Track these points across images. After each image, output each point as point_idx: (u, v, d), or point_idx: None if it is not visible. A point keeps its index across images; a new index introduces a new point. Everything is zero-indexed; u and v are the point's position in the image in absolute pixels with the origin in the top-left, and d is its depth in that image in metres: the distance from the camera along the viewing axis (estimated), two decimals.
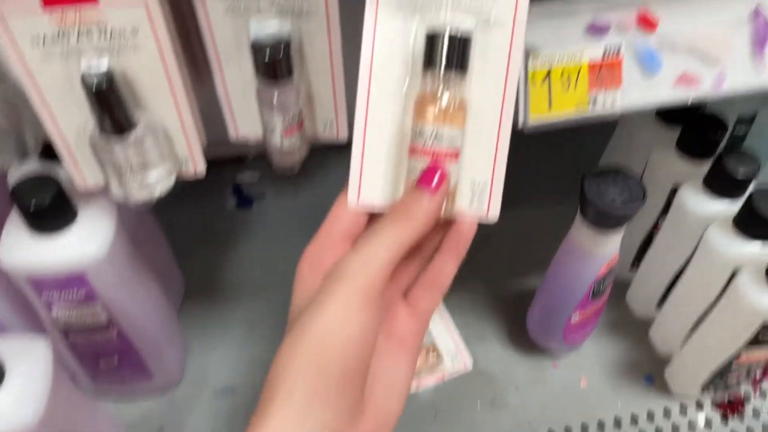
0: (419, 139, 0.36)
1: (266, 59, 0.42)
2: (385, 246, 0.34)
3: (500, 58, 0.37)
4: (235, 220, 0.81)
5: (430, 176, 0.36)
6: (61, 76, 0.40)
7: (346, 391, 0.33)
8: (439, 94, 0.36)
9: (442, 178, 0.36)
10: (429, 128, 0.36)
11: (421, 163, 0.36)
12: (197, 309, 0.70)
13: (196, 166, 0.46)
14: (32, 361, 0.42)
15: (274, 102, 0.45)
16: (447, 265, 0.40)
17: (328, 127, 0.49)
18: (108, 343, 0.55)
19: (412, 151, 0.37)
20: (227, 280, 0.74)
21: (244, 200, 0.83)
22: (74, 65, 0.40)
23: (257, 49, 0.42)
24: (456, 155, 0.37)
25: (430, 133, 0.36)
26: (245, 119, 0.48)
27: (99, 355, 0.57)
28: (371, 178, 0.39)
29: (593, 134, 0.73)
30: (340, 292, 0.33)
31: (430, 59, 0.36)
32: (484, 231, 0.80)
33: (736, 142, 0.70)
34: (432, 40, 0.36)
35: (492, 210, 0.40)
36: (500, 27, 0.37)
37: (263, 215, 0.81)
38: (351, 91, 0.47)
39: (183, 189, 0.47)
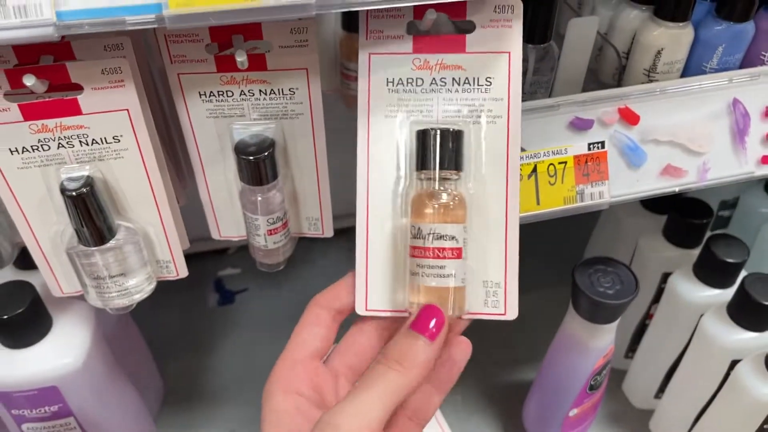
0: (418, 239, 0.35)
1: (249, 164, 0.42)
2: (379, 398, 0.31)
3: (498, 153, 0.37)
4: (216, 318, 0.78)
5: (427, 319, 0.33)
6: (39, 184, 0.39)
7: None
8: (435, 192, 0.36)
9: (441, 321, 0.33)
10: (427, 227, 0.35)
11: (425, 263, 0.35)
12: (177, 414, 0.67)
13: (178, 270, 0.45)
14: None
15: (258, 204, 0.44)
16: (434, 396, 0.37)
17: (313, 226, 0.48)
18: None
19: (413, 251, 0.36)
20: (208, 382, 0.71)
21: (226, 295, 0.81)
22: (53, 173, 0.39)
23: (241, 152, 0.42)
24: (459, 253, 0.36)
25: (428, 231, 0.35)
26: (228, 220, 0.47)
27: None
28: (377, 285, 0.38)
29: (578, 218, 0.73)
30: None
31: (422, 158, 0.36)
32: (473, 322, 0.78)
33: (720, 226, 0.71)
34: (423, 138, 0.36)
35: (510, 308, 0.39)
36: (495, 120, 0.37)
37: (246, 311, 0.79)
38: (333, 189, 0.47)
39: (163, 286, 0.46)
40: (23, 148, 0.37)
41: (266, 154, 0.41)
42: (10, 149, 0.37)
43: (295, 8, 0.31)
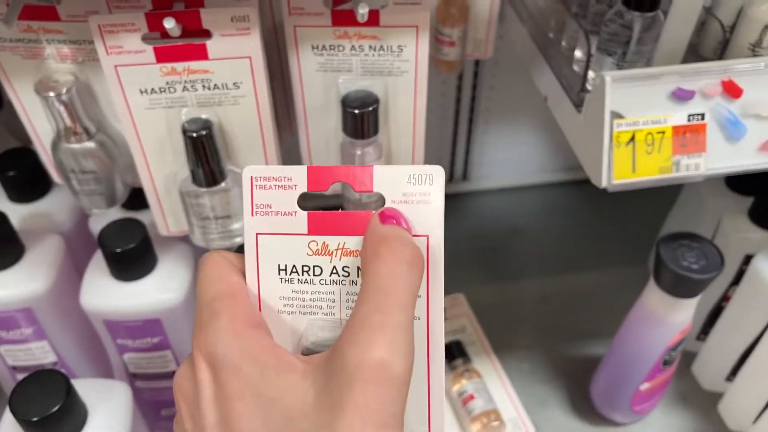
0: None
1: (354, 117, 0.43)
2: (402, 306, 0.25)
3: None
4: None
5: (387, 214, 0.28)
6: (162, 125, 0.41)
7: None
8: None
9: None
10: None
11: None
12: None
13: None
14: (114, 405, 0.42)
15: (356, 158, 0.46)
16: None
17: None
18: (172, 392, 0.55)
19: None
20: None
21: None
22: (175, 116, 0.41)
23: (347, 105, 0.43)
24: None
25: None
26: None
27: (161, 404, 0.57)
28: None
29: (655, 198, 0.73)
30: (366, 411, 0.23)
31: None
32: (544, 293, 0.79)
33: None
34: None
35: None
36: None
37: None
38: (428, 147, 0.48)
39: None
40: (152, 89, 0.40)
41: (371, 108, 0.43)
42: (140, 90, 0.40)
43: None
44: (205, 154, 0.41)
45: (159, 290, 0.49)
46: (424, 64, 0.43)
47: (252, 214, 0.28)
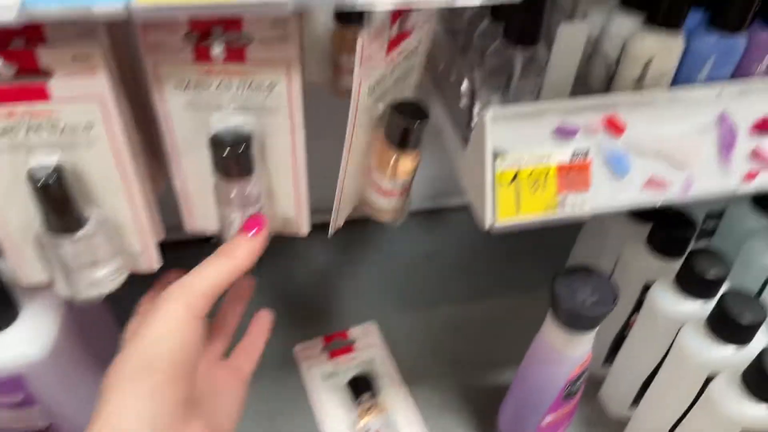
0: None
1: (225, 156, 0.41)
2: (210, 274, 0.40)
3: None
4: None
5: (253, 223, 0.43)
6: (7, 170, 0.38)
7: (174, 384, 0.36)
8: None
9: (262, 224, 0.43)
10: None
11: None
12: None
13: (151, 262, 0.44)
14: None
15: (232, 198, 0.43)
16: (236, 306, 0.51)
17: (288, 224, 0.47)
18: None
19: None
20: None
21: None
22: (22, 160, 0.38)
23: (216, 145, 0.41)
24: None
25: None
26: (202, 212, 0.46)
27: None
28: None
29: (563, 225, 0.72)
30: (167, 309, 0.38)
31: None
32: (455, 322, 0.78)
33: (705, 236, 0.70)
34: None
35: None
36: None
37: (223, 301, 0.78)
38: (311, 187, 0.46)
39: (140, 275, 0.46)
40: None
41: (242, 143, 0.40)
42: None
43: (269, 6, 0.30)
44: (57, 201, 0.37)
45: (20, 344, 0.45)
46: (298, 102, 0.41)
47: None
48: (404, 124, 0.43)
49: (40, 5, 0.29)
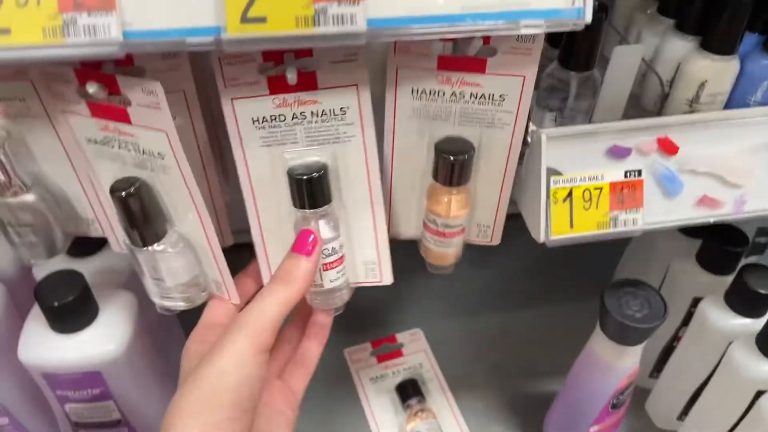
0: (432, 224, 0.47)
1: (300, 183, 0.41)
2: (272, 304, 0.40)
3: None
4: None
5: (304, 241, 0.42)
6: (110, 175, 0.41)
7: (238, 420, 0.37)
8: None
9: (315, 241, 0.42)
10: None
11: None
12: None
13: (230, 294, 0.46)
14: None
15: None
16: (312, 348, 0.49)
17: (371, 272, 0.49)
18: None
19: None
20: None
21: None
22: (118, 169, 0.41)
23: (293, 175, 0.41)
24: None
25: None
26: (281, 248, 0.45)
27: None
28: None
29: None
30: (235, 341, 0.38)
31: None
32: (500, 330, 0.79)
33: (757, 251, 0.70)
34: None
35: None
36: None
37: None
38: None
39: None
40: (95, 140, 0.39)
41: (318, 174, 0.41)
42: (86, 140, 0.39)
43: (347, 37, 0.32)
44: (133, 214, 0.40)
45: (99, 342, 0.48)
46: (370, 126, 0.42)
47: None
48: (450, 160, 0.43)
49: (137, 37, 0.32)
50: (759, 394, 0.53)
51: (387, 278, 0.49)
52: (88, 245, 0.55)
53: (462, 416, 0.68)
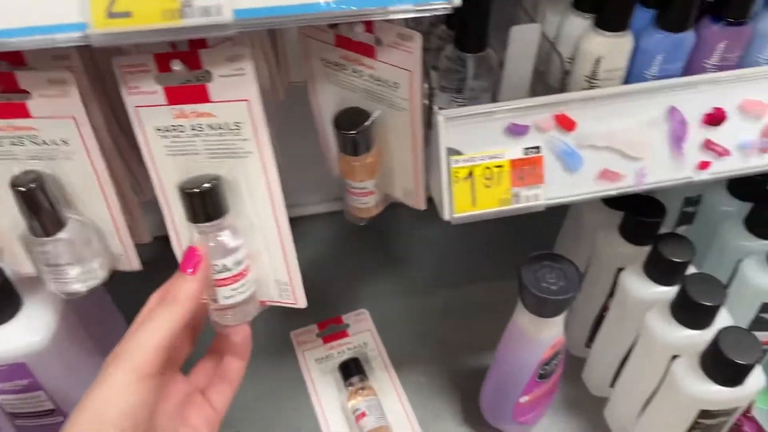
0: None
1: (190, 198, 0.41)
2: (157, 329, 0.39)
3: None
4: None
5: (188, 259, 0.42)
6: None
7: None
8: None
9: (199, 260, 0.42)
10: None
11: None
12: None
13: (132, 263, 0.48)
14: None
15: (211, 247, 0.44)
16: (233, 363, 0.48)
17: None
18: (54, 427, 0.56)
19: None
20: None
21: None
22: (7, 168, 0.41)
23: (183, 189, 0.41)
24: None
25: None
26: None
27: None
28: None
29: (551, 212, 0.74)
30: (115, 373, 0.38)
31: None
32: (443, 307, 0.80)
33: (686, 221, 0.72)
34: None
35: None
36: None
37: None
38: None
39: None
40: None
41: (207, 186, 0.41)
42: None
43: (214, 28, 0.33)
44: (37, 206, 0.41)
45: (22, 334, 0.49)
46: (265, 140, 0.41)
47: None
48: (345, 135, 0.46)
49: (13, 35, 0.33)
50: (674, 359, 0.55)
51: (301, 301, 0.49)
52: None
53: (404, 392, 0.70)
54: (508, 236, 0.85)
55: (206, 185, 0.40)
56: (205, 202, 0.41)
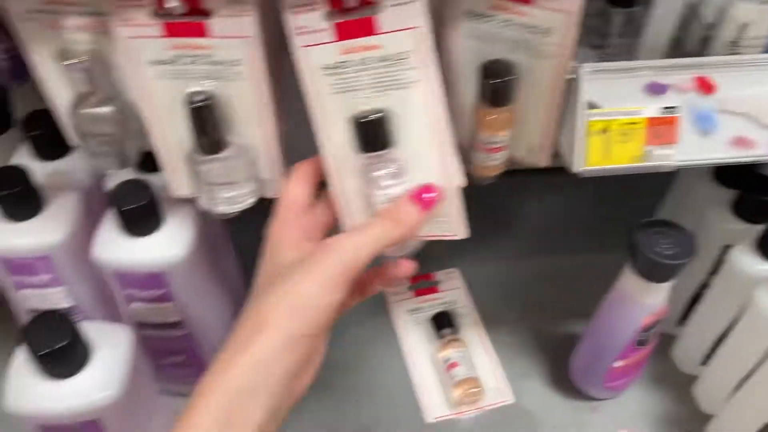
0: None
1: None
2: (373, 239, 0.42)
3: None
4: None
5: (422, 193, 0.44)
6: (170, 94, 0.45)
7: (314, 339, 0.40)
8: None
9: (433, 200, 0.44)
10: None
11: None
12: None
13: (277, 190, 0.50)
14: (116, 346, 0.47)
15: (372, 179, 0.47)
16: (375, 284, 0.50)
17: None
18: (176, 340, 0.60)
19: None
20: None
21: None
22: (182, 86, 0.45)
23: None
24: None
25: None
26: None
27: (166, 352, 0.62)
28: None
29: (651, 189, 0.75)
30: (326, 264, 0.40)
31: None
32: (536, 273, 0.82)
33: None
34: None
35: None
36: None
37: None
38: None
39: (253, 208, 0.52)
40: (160, 60, 0.43)
41: (378, 116, 0.43)
42: (149, 61, 0.43)
43: None
44: (205, 124, 0.45)
45: (164, 247, 0.53)
46: (433, 67, 0.42)
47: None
48: (493, 84, 0.47)
49: None
50: None
51: (461, 232, 0.50)
52: (154, 160, 0.59)
53: (493, 349, 0.72)
54: (606, 210, 0.85)
55: (378, 114, 0.43)
56: (378, 131, 0.43)
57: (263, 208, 0.50)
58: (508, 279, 0.80)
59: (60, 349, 0.43)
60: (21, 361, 0.45)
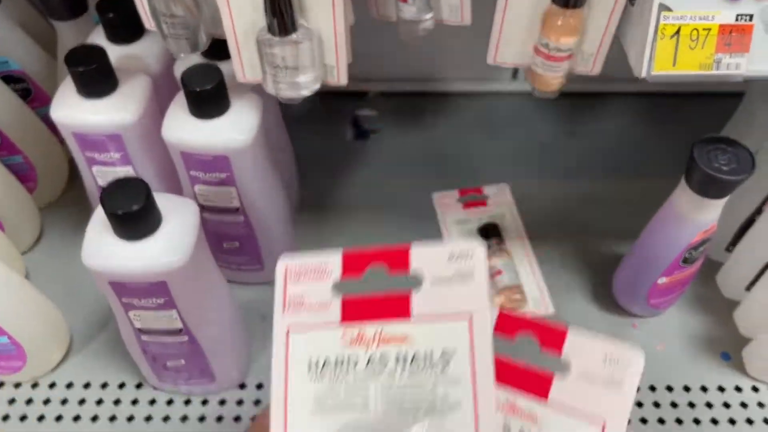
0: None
1: None
2: None
3: None
4: (350, 150, 0.87)
5: None
6: None
7: None
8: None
9: None
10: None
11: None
12: (307, 221, 0.77)
13: (340, 77, 0.52)
14: (184, 215, 0.50)
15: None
16: None
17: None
18: (234, 226, 0.63)
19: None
20: (337, 200, 0.80)
21: (362, 133, 0.89)
22: None
23: None
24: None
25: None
26: None
27: (223, 236, 0.65)
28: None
29: (712, 116, 0.74)
30: None
31: None
32: (586, 195, 0.82)
33: None
34: None
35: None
36: None
37: (377, 148, 0.87)
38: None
39: (308, 114, 0.53)
40: None
41: None
42: None
43: None
44: (279, 3, 0.46)
45: (230, 130, 0.55)
46: None
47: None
48: None
49: None
50: None
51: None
52: (223, 49, 0.61)
53: (537, 262, 0.74)
54: (664, 136, 0.85)
55: None
56: None
57: (315, 113, 0.52)
58: (558, 198, 0.81)
59: (135, 212, 0.45)
60: (98, 221, 0.48)
